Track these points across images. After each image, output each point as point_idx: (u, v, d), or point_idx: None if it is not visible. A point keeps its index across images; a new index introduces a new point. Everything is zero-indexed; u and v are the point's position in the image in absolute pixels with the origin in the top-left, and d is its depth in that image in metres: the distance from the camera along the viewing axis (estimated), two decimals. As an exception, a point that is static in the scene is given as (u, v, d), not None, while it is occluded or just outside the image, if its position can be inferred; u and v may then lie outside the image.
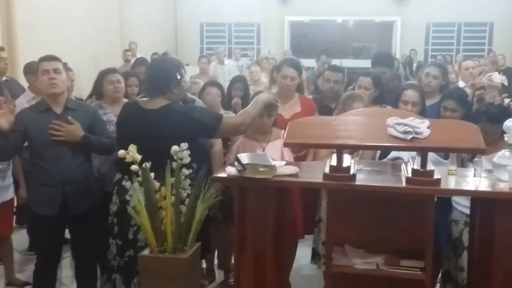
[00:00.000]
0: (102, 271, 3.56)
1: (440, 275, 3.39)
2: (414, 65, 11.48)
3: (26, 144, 3.26)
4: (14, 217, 4.26)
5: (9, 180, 3.80)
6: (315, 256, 3.55)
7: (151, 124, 2.92)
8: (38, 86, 3.46)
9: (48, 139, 3.12)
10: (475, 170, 2.74)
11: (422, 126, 2.69)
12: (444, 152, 3.11)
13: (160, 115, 2.93)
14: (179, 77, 3.03)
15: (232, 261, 4.07)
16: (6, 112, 3.04)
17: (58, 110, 3.21)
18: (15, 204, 4.10)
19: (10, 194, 3.83)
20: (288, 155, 3.43)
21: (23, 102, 4.12)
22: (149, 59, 7.22)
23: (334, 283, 2.83)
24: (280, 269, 2.99)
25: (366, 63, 6.41)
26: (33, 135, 3.16)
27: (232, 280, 3.98)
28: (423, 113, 3.48)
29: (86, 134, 3.18)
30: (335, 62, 8.06)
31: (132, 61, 8.52)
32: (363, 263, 2.76)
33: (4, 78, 4.81)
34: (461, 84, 5.78)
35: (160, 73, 3.03)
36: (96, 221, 3.28)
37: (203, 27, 15.45)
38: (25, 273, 4.12)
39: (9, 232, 3.97)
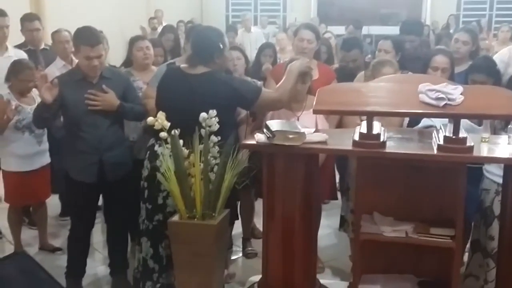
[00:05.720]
0: (132, 236, 3.62)
1: (468, 244, 3.37)
2: (451, 31, 10.86)
3: None
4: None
5: (46, 145, 3.86)
6: (343, 223, 3.54)
7: (191, 88, 2.92)
8: (75, 57, 3.47)
9: (85, 108, 3.16)
10: (509, 137, 2.68)
11: (455, 92, 2.63)
12: (478, 118, 3.04)
13: (201, 80, 2.93)
14: (222, 47, 3.01)
15: (252, 229, 4.13)
16: (51, 86, 3.08)
17: (94, 79, 3.24)
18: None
19: (47, 158, 3.89)
20: (322, 123, 3.37)
21: (54, 70, 4.14)
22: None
23: (362, 250, 2.83)
24: (308, 235, 3.00)
25: (394, 30, 6.23)
26: (69, 104, 3.19)
27: (250, 248, 4.03)
28: (452, 78, 3.37)
29: (121, 103, 3.23)
30: (363, 29, 7.91)
31: (159, 29, 8.49)
32: (392, 230, 2.74)
33: (41, 47, 4.86)
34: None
35: (203, 42, 3.01)
36: (128, 187, 3.34)
37: (228, -6, 15.26)
38: (57, 239, 4.19)
39: (47, 196, 4.04)
